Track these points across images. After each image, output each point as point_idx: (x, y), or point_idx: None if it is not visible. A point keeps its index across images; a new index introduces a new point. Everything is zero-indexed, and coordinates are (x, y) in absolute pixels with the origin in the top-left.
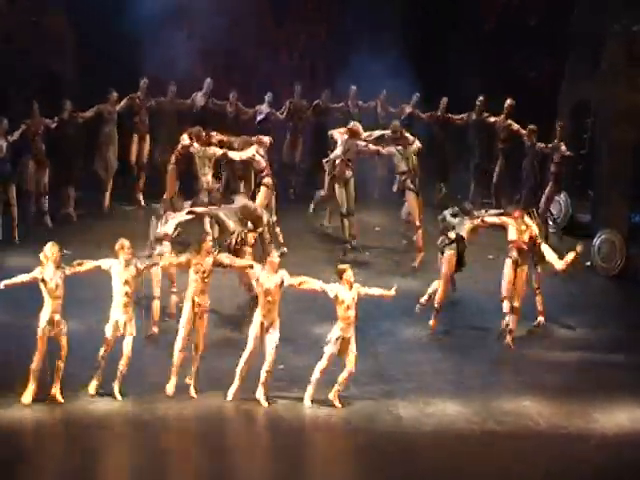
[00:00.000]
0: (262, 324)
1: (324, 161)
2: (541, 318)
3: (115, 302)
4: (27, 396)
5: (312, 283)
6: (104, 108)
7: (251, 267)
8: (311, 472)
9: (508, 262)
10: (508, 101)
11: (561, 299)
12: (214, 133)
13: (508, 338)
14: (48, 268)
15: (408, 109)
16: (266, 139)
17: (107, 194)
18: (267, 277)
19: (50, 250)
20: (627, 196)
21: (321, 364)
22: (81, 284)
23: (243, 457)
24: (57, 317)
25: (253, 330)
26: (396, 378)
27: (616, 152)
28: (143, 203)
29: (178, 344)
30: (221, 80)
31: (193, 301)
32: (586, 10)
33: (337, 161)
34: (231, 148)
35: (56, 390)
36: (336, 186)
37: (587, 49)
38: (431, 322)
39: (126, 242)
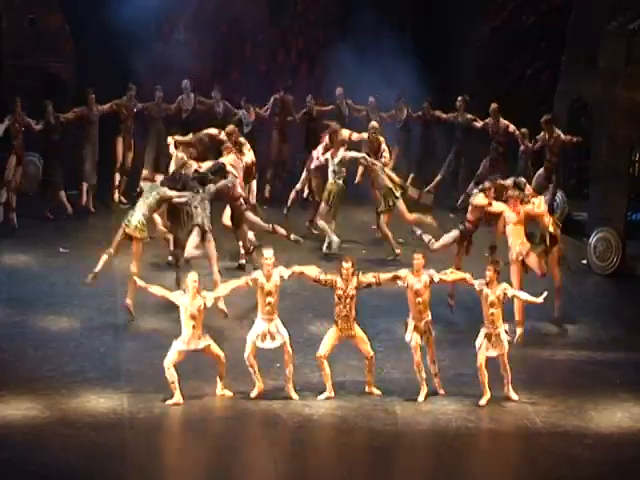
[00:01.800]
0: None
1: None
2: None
3: None
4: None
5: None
6: (84, 110)
7: (397, 278)
8: (308, 471)
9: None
10: (493, 105)
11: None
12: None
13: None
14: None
15: (401, 114)
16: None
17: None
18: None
19: (191, 279)
20: (624, 194)
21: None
22: (80, 280)
23: (241, 456)
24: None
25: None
26: (393, 376)
27: (613, 150)
28: (125, 201)
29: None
30: (219, 79)
31: None
32: (583, 8)
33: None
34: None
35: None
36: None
37: (584, 47)
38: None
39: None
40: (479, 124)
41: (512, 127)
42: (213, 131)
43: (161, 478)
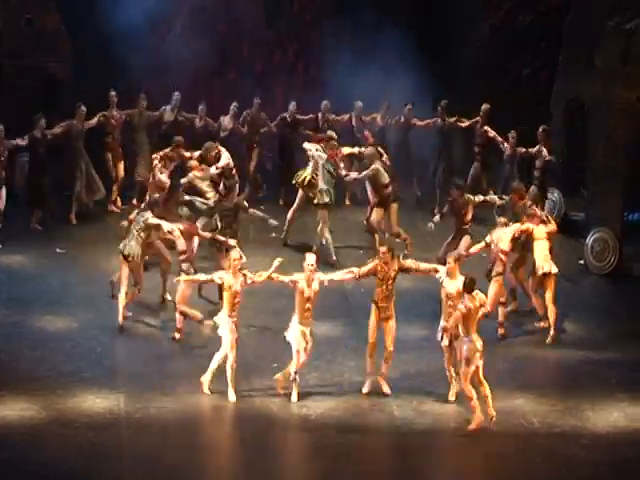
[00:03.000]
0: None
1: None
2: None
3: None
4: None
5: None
6: (72, 124)
7: (436, 271)
8: (305, 470)
9: None
10: (484, 106)
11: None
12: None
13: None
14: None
15: (380, 120)
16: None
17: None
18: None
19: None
20: (621, 194)
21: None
22: (77, 281)
23: (237, 456)
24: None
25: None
26: (390, 377)
27: (610, 150)
28: (116, 209)
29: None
30: (215, 80)
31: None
32: (580, 8)
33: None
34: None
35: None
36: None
37: (581, 47)
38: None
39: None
40: (465, 124)
41: (493, 133)
42: (186, 154)
43: (159, 478)
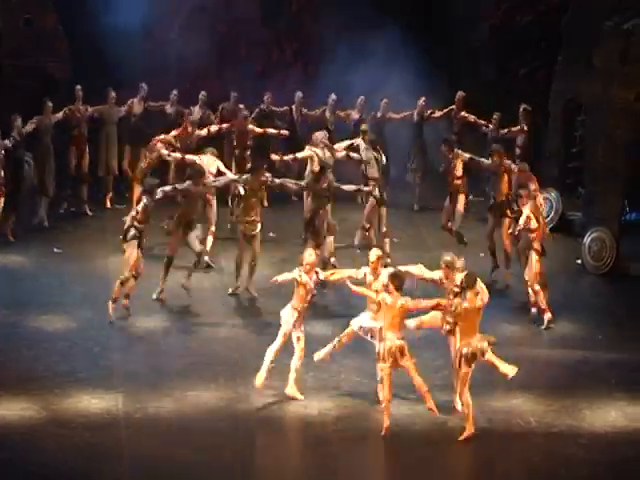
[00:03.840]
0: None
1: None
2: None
3: None
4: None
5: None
6: (41, 119)
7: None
8: (301, 470)
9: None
10: (459, 93)
11: (551, 297)
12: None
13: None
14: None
15: (355, 114)
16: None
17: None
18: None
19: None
20: (619, 194)
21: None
22: (74, 280)
23: (235, 455)
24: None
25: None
26: None
27: (608, 150)
28: (89, 212)
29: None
30: (212, 77)
31: None
32: (579, 8)
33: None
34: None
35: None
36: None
37: (579, 47)
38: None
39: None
40: (438, 114)
41: (472, 117)
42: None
43: (159, 478)
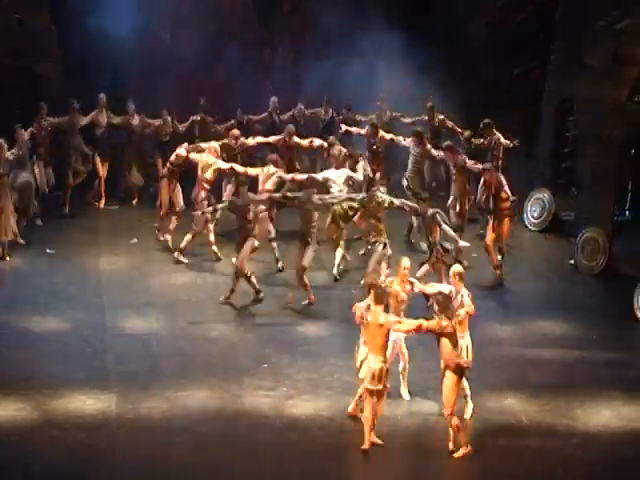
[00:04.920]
0: None
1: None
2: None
3: None
4: None
5: None
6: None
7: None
8: (296, 470)
9: None
10: (429, 104)
11: (544, 297)
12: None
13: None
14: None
15: (324, 116)
16: None
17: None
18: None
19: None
20: (611, 194)
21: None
22: (66, 281)
23: (228, 456)
24: None
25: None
26: None
27: (600, 150)
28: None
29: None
30: (204, 81)
31: None
32: (570, 8)
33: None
34: None
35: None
36: None
37: (571, 47)
38: None
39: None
40: (407, 120)
41: (451, 123)
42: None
43: (152, 478)
